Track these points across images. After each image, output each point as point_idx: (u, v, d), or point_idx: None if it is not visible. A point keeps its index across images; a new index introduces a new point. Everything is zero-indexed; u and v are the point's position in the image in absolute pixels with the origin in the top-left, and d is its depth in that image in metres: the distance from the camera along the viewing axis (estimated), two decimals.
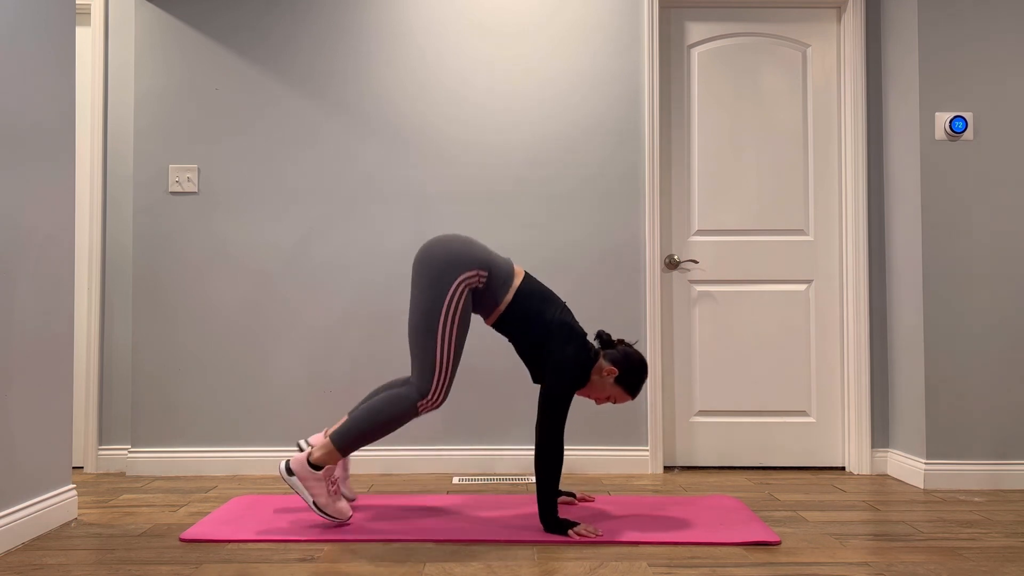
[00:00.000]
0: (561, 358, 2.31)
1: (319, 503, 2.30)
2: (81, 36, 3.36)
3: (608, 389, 2.42)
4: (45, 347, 2.37)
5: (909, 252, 3.10)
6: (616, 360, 2.40)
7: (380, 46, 3.28)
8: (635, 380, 2.41)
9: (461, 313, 2.32)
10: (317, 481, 2.29)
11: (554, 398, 2.28)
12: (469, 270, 2.33)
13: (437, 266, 2.33)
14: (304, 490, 2.29)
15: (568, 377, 2.30)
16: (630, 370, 2.39)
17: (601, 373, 2.40)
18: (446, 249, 2.35)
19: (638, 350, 2.52)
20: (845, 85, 3.33)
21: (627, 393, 2.42)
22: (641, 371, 2.41)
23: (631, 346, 2.46)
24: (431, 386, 2.30)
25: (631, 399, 2.46)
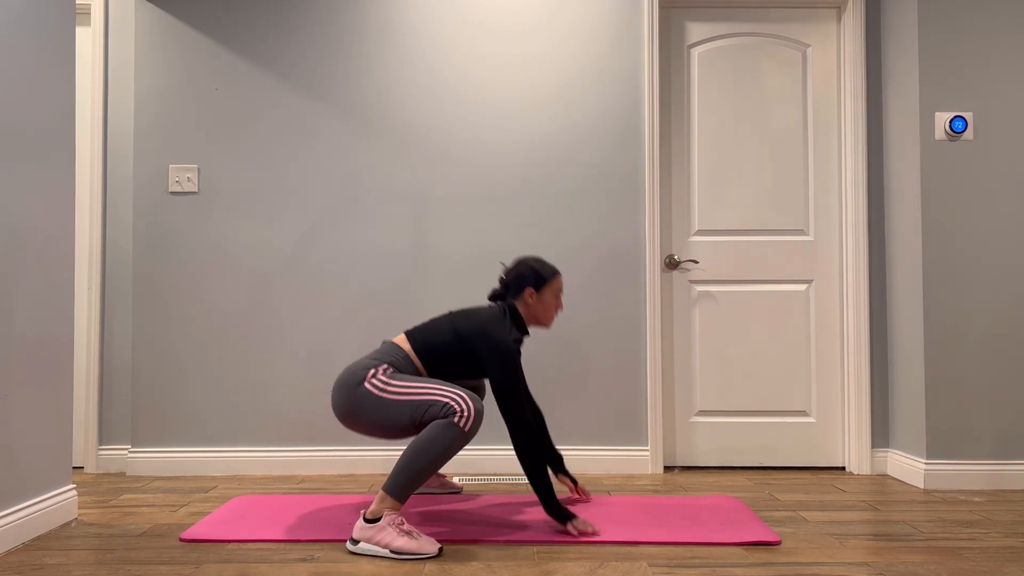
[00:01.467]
0: (490, 347, 2.31)
1: (395, 548, 2.09)
2: (81, 36, 3.36)
3: (546, 299, 2.47)
4: (45, 347, 2.37)
5: (909, 252, 3.10)
6: (521, 284, 2.45)
7: (380, 46, 3.28)
8: (542, 271, 2.47)
9: (391, 380, 2.26)
10: (381, 530, 2.11)
11: (505, 385, 2.27)
12: (368, 371, 2.29)
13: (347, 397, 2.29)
14: (375, 547, 2.11)
15: (508, 358, 2.29)
16: (533, 274, 2.46)
17: (528, 304, 2.46)
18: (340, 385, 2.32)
19: (513, 263, 2.52)
20: (845, 85, 3.33)
21: (552, 281, 2.48)
22: (535, 264, 2.48)
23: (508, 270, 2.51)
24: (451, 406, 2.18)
25: (559, 277, 2.51)
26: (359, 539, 2.14)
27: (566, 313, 3.23)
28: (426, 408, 2.19)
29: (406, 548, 2.09)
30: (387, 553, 2.10)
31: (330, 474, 3.19)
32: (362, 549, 2.13)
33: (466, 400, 2.19)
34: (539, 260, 2.51)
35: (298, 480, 3.09)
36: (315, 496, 2.77)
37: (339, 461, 3.20)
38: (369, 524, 2.14)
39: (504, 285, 2.51)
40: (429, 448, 2.14)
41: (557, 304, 2.52)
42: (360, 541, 2.13)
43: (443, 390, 2.22)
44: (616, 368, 3.23)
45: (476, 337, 2.35)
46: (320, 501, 2.69)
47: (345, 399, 2.29)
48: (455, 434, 2.15)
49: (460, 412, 2.16)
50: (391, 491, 2.14)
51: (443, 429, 2.15)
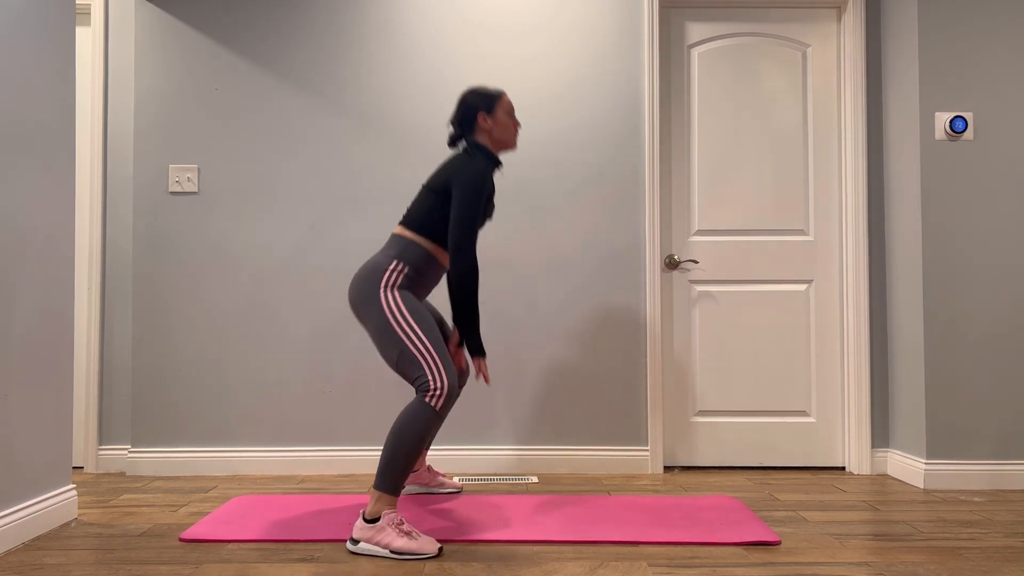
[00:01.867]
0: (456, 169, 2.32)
1: (395, 549, 2.09)
2: (81, 36, 3.36)
3: (501, 119, 2.46)
4: (45, 347, 2.37)
5: (909, 252, 3.10)
6: (471, 114, 2.44)
7: (380, 46, 3.28)
8: (485, 94, 2.46)
9: (406, 305, 2.28)
10: (380, 531, 2.12)
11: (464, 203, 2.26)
12: (385, 272, 2.30)
13: (358, 288, 2.31)
14: (374, 547, 2.11)
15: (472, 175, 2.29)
16: (479, 99, 2.44)
17: (485, 130, 2.45)
18: (358, 280, 2.34)
19: (458, 101, 2.50)
20: (845, 85, 3.32)
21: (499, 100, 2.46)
22: (475, 91, 2.46)
23: (454, 111, 2.51)
24: (428, 379, 2.21)
25: (506, 96, 2.49)
26: (359, 539, 2.14)
27: (566, 312, 3.23)
28: (409, 362, 2.22)
29: (406, 548, 2.09)
30: (387, 553, 2.10)
31: (330, 474, 3.19)
32: (362, 549, 2.13)
33: (442, 375, 2.21)
34: (476, 87, 2.51)
35: (298, 480, 3.09)
36: (315, 496, 2.77)
37: (339, 461, 3.20)
38: (369, 524, 2.14)
39: (456, 125, 2.49)
40: (406, 435, 2.16)
41: (514, 122, 2.50)
42: (360, 541, 2.14)
43: (430, 352, 2.22)
44: (616, 368, 3.23)
45: (447, 176, 2.34)
46: (320, 501, 2.69)
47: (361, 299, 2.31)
48: (428, 414, 2.18)
49: (433, 390, 2.19)
50: (382, 487, 2.16)
51: (415, 412, 2.18)
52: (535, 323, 3.24)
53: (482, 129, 2.45)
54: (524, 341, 3.24)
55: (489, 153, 2.45)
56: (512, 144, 2.52)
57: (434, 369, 2.21)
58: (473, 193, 2.28)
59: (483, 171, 2.33)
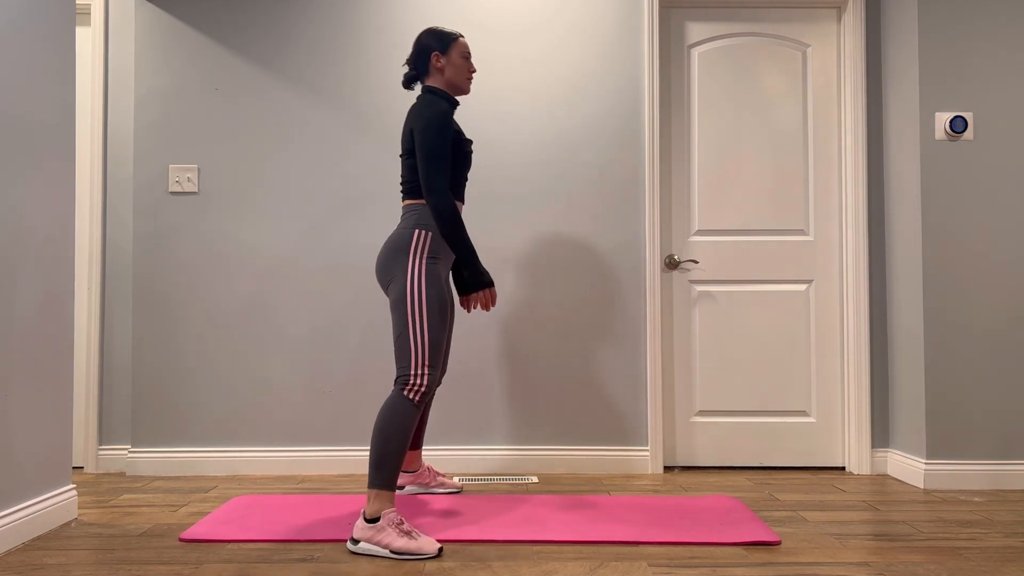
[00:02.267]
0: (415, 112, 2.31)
1: (395, 549, 2.10)
2: (81, 36, 3.36)
3: (454, 60, 2.43)
4: (45, 347, 2.37)
5: (909, 252, 3.10)
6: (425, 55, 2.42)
7: (380, 46, 3.28)
8: (440, 34, 2.44)
9: (427, 285, 2.27)
10: (380, 531, 2.12)
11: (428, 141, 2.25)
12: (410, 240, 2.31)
13: (385, 262, 2.33)
14: (375, 547, 2.12)
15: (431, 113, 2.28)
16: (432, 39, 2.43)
17: (439, 70, 2.43)
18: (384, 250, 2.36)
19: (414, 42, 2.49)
20: (845, 85, 3.32)
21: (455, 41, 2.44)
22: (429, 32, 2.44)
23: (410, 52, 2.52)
24: (410, 369, 2.21)
25: (462, 38, 2.47)
26: (359, 539, 2.14)
27: (566, 313, 3.23)
28: (401, 346, 2.24)
29: (406, 548, 2.09)
30: (387, 553, 2.11)
31: (330, 474, 3.19)
32: (362, 549, 2.13)
33: (425, 373, 2.22)
34: (436, 27, 2.49)
35: (298, 480, 3.09)
36: (315, 496, 2.77)
37: (339, 461, 3.20)
38: (369, 524, 2.14)
39: (411, 65, 2.48)
40: (388, 428, 2.18)
41: (469, 66, 2.48)
42: (360, 541, 2.14)
43: (423, 350, 2.23)
44: (616, 368, 3.23)
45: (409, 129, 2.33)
46: (320, 501, 2.69)
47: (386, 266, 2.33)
48: (406, 407, 2.21)
49: (411, 385, 2.22)
50: (376, 483, 2.17)
51: (394, 406, 2.20)
52: (535, 323, 3.24)
53: (436, 69, 2.43)
54: (524, 341, 3.24)
55: (444, 93, 2.43)
56: (465, 88, 2.49)
57: (420, 365, 2.23)
58: (431, 131, 2.26)
59: (439, 110, 2.30)
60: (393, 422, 2.19)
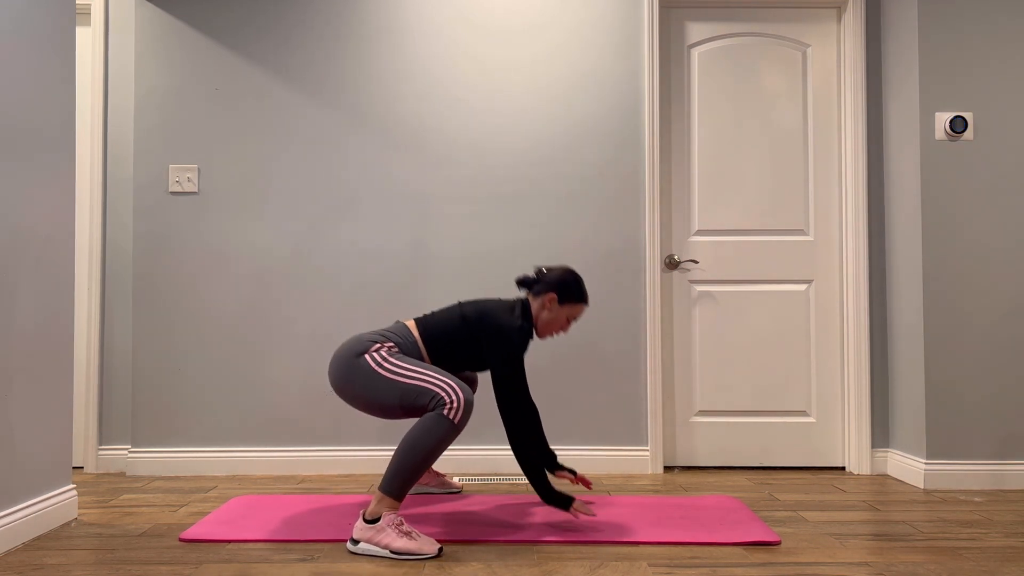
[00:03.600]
0: (495, 335, 2.31)
1: (395, 549, 2.09)
2: (81, 36, 3.36)
3: (561, 314, 2.45)
4: (45, 347, 2.37)
5: (909, 252, 3.10)
6: (549, 286, 2.43)
7: (380, 46, 3.28)
8: (575, 289, 2.45)
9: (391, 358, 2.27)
10: (380, 531, 2.11)
11: (505, 376, 2.28)
12: (372, 344, 2.30)
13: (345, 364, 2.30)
14: (374, 547, 2.11)
15: (510, 346, 2.29)
16: (565, 285, 2.44)
17: (544, 307, 2.44)
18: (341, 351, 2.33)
19: (557, 266, 2.51)
20: (845, 85, 3.32)
21: (577, 304, 2.47)
22: (574, 279, 2.46)
23: (549, 268, 2.49)
24: (441, 396, 2.17)
25: (584, 306, 2.49)
26: (359, 539, 2.14)
27: None
28: (416, 394, 2.20)
29: (405, 549, 2.09)
30: (387, 553, 2.10)
31: (330, 474, 3.19)
32: (362, 549, 2.13)
33: (456, 391, 2.18)
34: (579, 279, 2.48)
35: (298, 480, 3.09)
36: (315, 496, 2.77)
37: (339, 461, 3.20)
38: (369, 524, 2.14)
39: (537, 277, 2.49)
40: (420, 444, 2.14)
41: (564, 326, 2.49)
42: (360, 541, 2.14)
43: (436, 378, 2.21)
44: (616, 368, 3.23)
45: (480, 322, 2.35)
46: (320, 501, 2.69)
47: (343, 367, 2.30)
48: (446, 427, 2.15)
49: (449, 404, 2.16)
50: (387, 490, 2.15)
51: (433, 423, 2.15)
52: None
53: (543, 303, 2.44)
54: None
55: (531, 319, 2.43)
56: (541, 335, 2.50)
57: (444, 387, 2.19)
58: (512, 360, 2.29)
59: (520, 336, 2.33)
60: (426, 439, 2.14)
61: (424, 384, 2.20)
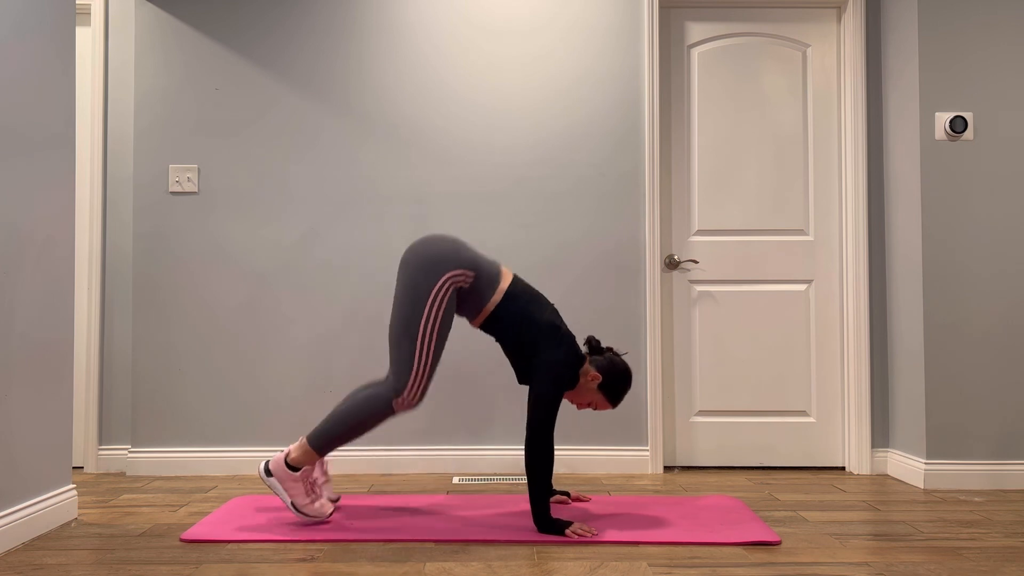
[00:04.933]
0: (551, 360, 2.31)
1: (296, 503, 2.33)
2: (81, 36, 3.36)
3: (591, 395, 2.42)
4: (45, 347, 2.37)
5: (909, 252, 3.10)
6: (601, 367, 2.40)
7: (380, 46, 3.28)
8: (619, 388, 2.41)
9: (444, 314, 2.31)
10: (294, 482, 2.32)
11: (544, 400, 2.27)
12: (455, 269, 2.32)
13: (423, 265, 2.32)
14: (282, 490, 2.33)
15: (558, 379, 2.30)
16: (615, 377, 2.39)
17: (586, 377, 2.40)
18: (433, 248, 2.35)
19: (624, 360, 2.47)
20: (845, 85, 3.32)
21: (608, 401, 2.43)
22: (625, 379, 2.41)
23: (618, 355, 2.45)
24: (407, 385, 2.29)
25: (612, 407, 2.45)
26: (273, 474, 2.32)
27: (566, 312, 3.22)
28: (405, 357, 2.29)
29: (304, 508, 2.33)
30: (289, 503, 2.33)
31: (330, 474, 3.19)
32: (271, 484, 2.34)
33: (419, 390, 2.31)
34: (628, 387, 2.44)
35: None
36: None
37: (339, 461, 3.20)
38: (288, 470, 2.31)
39: (603, 351, 2.46)
40: (360, 413, 2.30)
41: (582, 404, 2.47)
42: (273, 477, 2.32)
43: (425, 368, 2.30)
44: None
45: (551, 342, 2.33)
46: None
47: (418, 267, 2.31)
48: (385, 413, 2.32)
49: (404, 398, 2.30)
50: (314, 445, 2.33)
51: (377, 401, 2.30)
52: None
53: (586, 373, 2.40)
54: None
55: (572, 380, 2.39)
56: (573, 402, 2.48)
57: (416, 383, 2.31)
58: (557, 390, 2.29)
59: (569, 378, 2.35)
60: (367, 412, 2.31)
61: (418, 360, 2.29)
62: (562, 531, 2.25)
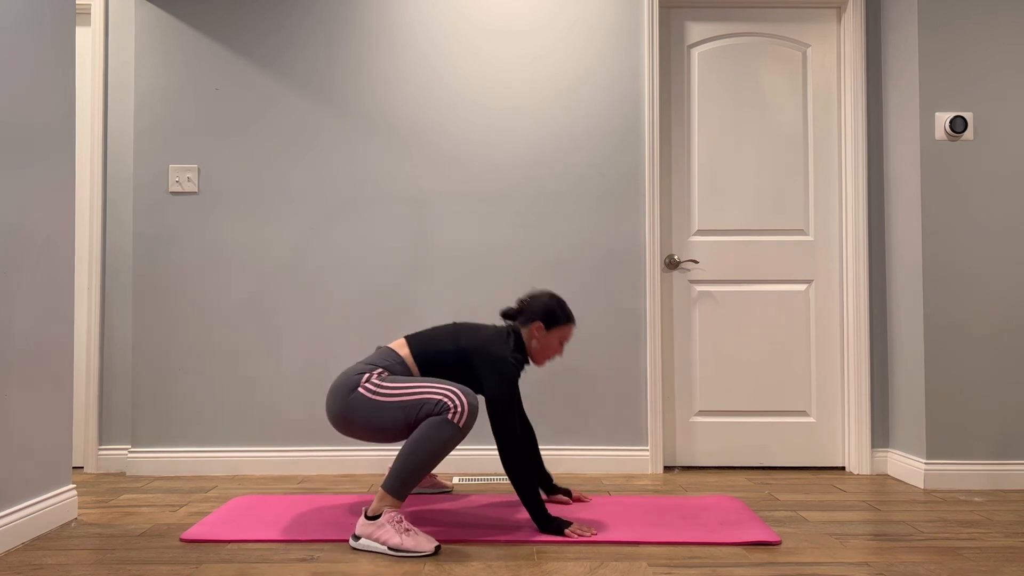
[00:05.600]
0: (489, 362, 2.32)
1: (392, 545, 2.11)
2: (81, 36, 3.36)
3: (550, 339, 2.48)
4: (45, 347, 2.37)
5: (909, 252, 3.10)
6: (534, 314, 2.46)
7: (380, 46, 3.28)
8: (559, 314, 2.48)
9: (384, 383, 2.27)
10: (380, 527, 2.14)
11: (499, 402, 2.28)
12: (361, 376, 2.30)
13: (341, 403, 2.29)
14: (374, 543, 2.13)
15: (503, 375, 2.31)
16: (549, 311, 2.47)
17: (532, 335, 2.46)
18: (333, 391, 2.33)
19: (538, 292, 2.54)
20: (845, 85, 3.32)
21: (565, 326, 2.49)
22: (556, 303, 2.49)
23: (530, 296, 2.51)
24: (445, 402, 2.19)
25: (572, 326, 2.52)
26: (360, 535, 2.16)
27: None
28: (419, 407, 2.20)
29: (403, 546, 2.10)
30: (385, 550, 2.12)
31: (330, 474, 3.19)
32: (363, 545, 2.15)
33: (459, 396, 2.20)
34: (561, 302, 2.51)
35: (298, 480, 3.09)
36: (315, 496, 2.77)
37: (339, 461, 3.20)
38: (370, 521, 2.16)
39: (519, 308, 2.51)
40: (425, 446, 2.16)
41: (558, 349, 2.52)
42: (361, 537, 2.16)
43: (437, 387, 2.23)
44: (616, 368, 3.23)
45: (477, 352, 2.36)
46: (320, 501, 2.69)
47: (339, 405, 2.30)
48: (450, 431, 2.17)
49: (453, 409, 2.18)
50: (390, 489, 2.16)
51: (438, 426, 2.17)
52: None
53: (531, 333, 2.46)
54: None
55: (523, 350, 2.46)
56: (538, 363, 2.52)
57: (447, 394, 2.20)
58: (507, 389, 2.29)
59: (510, 378, 2.33)
60: (430, 441, 2.16)
61: (426, 395, 2.21)
62: (561, 531, 2.25)
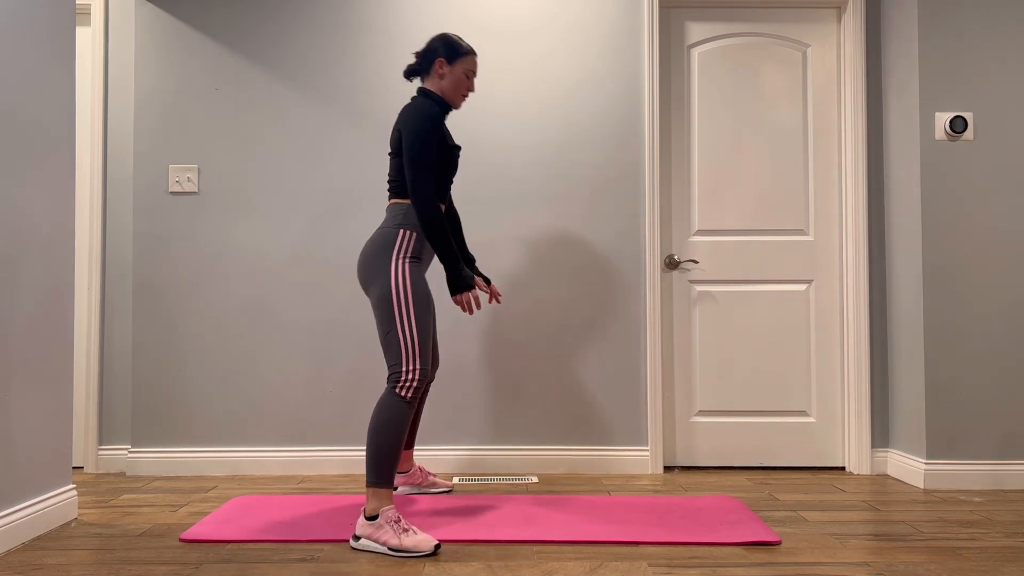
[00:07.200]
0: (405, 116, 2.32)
1: (392, 546, 2.12)
2: (81, 36, 3.36)
3: (456, 73, 2.45)
4: (45, 347, 2.37)
5: (909, 252, 3.10)
6: (434, 53, 2.44)
7: (381, 46, 3.28)
8: (456, 43, 2.45)
9: (411, 282, 2.30)
10: (379, 528, 2.15)
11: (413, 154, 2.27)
12: (394, 239, 2.33)
13: (369, 260, 2.34)
14: (374, 544, 2.14)
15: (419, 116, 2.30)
16: (447, 45, 2.44)
17: (439, 76, 2.44)
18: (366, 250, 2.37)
19: (428, 41, 2.53)
20: (845, 85, 3.32)
21: (467, 56, 2.46)
22: (449, 37, 2.46)
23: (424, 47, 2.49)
24: (400, 366, 2.24)
25: (474, 56, 2.48)
26: (360, 535, 2.17)
27: (567, 313, 3.23)
28: (390, 346, 2.26)
29: (403, 546, 2.11)
30: (386, 551, 2.12)
31: (330, 474, 3.19)
32: (362, 545, 2.16)
33: (415, 366, 2.24)
34: (455, 36, 2.50)
35: (298, 480, 3.09)
36: (315, 496, 2.77)
37: (339, 461, 3.20)
38: (369, 521, 2.16)
39: (418, 60, 2.50)
40: (384, 427, 2.20)
41: (468, 84, 2.50)
42: (361, 537, 2.17)
43: (412, 344, 2.26)
44: (616, 368, 3.23)
45: (398, 130, 2.36)
46: (320, 501, 2.69)
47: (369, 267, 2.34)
48: (401, 408, 2.22)
49: (403, 380, 2.23)
50: (373, 482, 2.20)
51: (387, 407, 2.22)
52: (535, 322, 3.24)
53: (436, 74, 2.45)
54: (524, 340, 3.24)
55: (436, 98, 2.45)
56: (456, 104, 2.50)
57: (410, 360, 2.25)
58: (419, 136, 2.29)
59: (428, 113, 2.32)
60: (387, 420, 2.21)
61: (402, 341, 2.25)
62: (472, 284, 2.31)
